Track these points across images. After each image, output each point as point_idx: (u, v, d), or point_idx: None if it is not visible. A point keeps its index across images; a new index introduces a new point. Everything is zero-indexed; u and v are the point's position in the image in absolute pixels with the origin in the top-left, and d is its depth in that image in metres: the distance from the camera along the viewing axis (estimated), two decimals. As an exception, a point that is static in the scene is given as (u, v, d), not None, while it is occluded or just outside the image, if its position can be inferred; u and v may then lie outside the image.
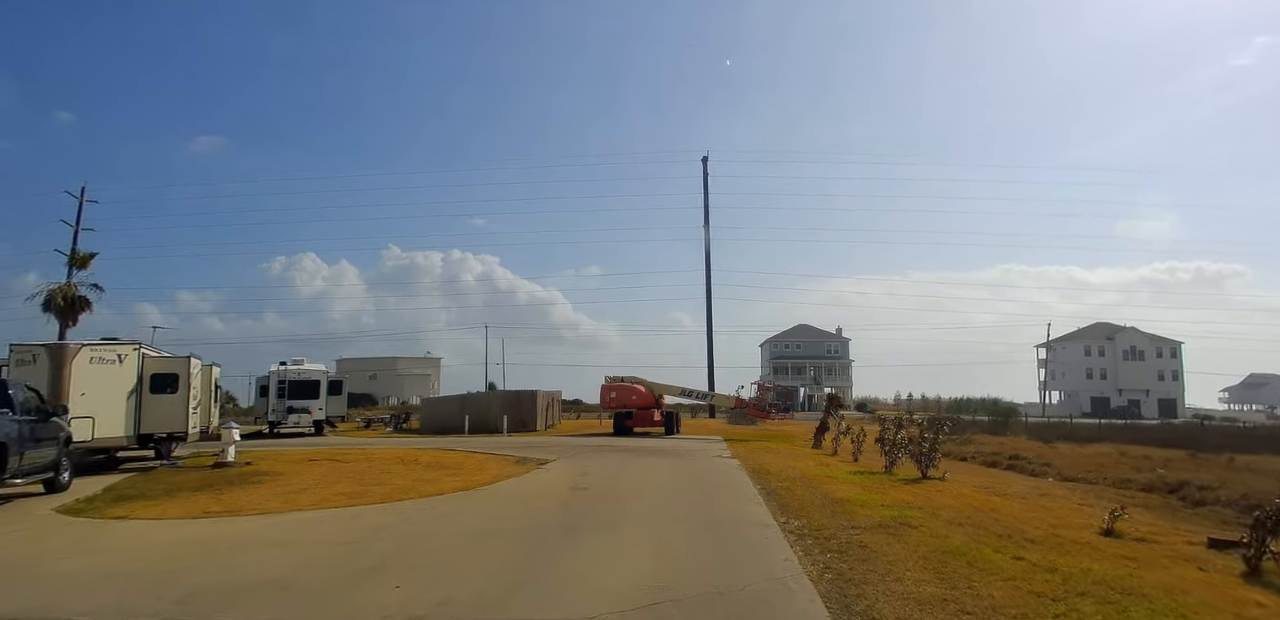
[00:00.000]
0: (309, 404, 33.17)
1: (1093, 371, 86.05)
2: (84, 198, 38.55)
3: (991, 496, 11.46)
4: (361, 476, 14.77)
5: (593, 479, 13.07)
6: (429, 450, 21.73)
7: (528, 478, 13.71)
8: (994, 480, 14.94)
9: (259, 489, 13.27)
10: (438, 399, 38.43)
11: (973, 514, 9.33)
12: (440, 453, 20.76)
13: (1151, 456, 21.38)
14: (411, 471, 15.69)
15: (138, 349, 16.99)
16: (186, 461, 18.37)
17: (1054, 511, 10.44)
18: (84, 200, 38.63)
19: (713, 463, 16.75)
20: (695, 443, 24.87)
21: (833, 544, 7.26)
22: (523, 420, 32.80)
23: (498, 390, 34.88)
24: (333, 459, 18.86)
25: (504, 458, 18.60)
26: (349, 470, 16.11)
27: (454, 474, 15.03)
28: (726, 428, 36.27)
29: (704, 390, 32.70)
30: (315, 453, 20.82)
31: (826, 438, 24.01)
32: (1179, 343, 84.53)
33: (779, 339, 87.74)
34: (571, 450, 20.76)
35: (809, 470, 14.78)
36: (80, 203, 38.56)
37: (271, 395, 33.13)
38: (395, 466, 16.72)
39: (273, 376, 33.42)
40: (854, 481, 12.84)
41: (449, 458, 18.89)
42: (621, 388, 30.18)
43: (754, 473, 14.17)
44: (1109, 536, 8.43)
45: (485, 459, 18.55)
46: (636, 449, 21.22)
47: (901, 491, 11.48)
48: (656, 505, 10.04)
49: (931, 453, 13.50)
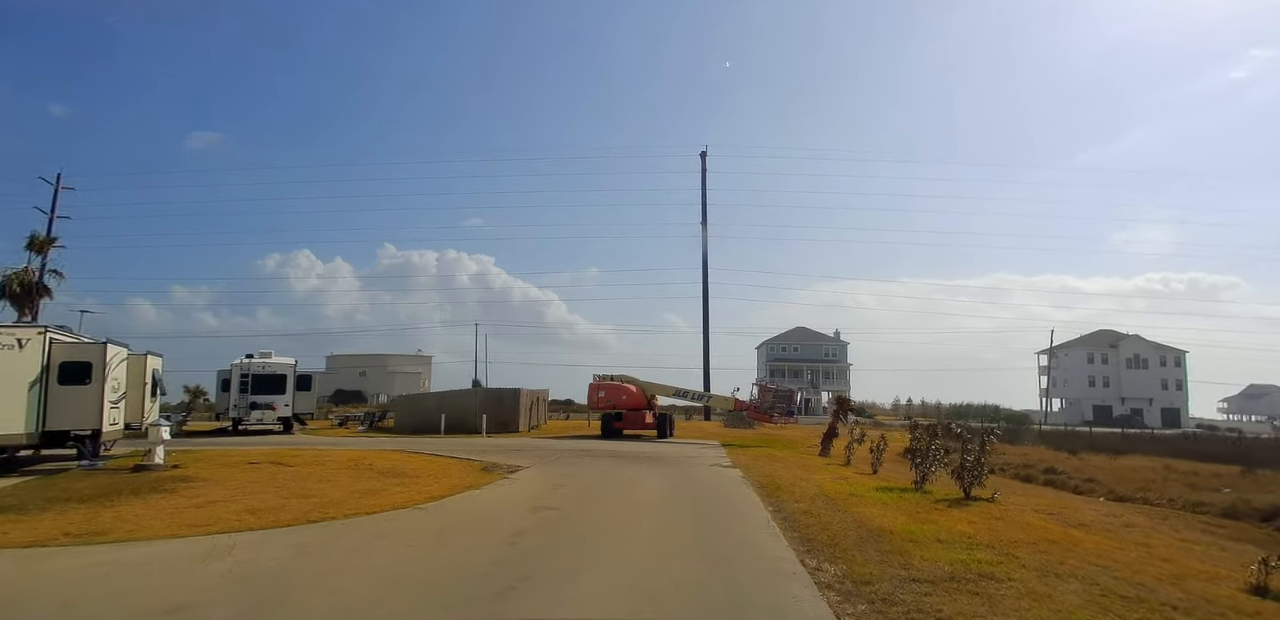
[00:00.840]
0: (274, 399, 30.69)
1: (1095, 379, 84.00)
2: (59, 185, 36.51)
3: (1068, 528, 9.12)
4: (293, 486, 12.44)
5: (565, 495, 10.70)
6: (392, 453, 19.35)
7: (488, 491, 11.31)
8: (1046, 500, 12.59)
9: (161, 500, 11.00)
10: (414, 396, 35.95)
11: (1063, 556, 6.99)
12: (403, 456, 18.38)
13: (1199, 472, 19.13)
14: (356, 480, 13.32)
15: (43, 333, 14.60)
16: (111, 463, 16.08)
17: (1158, 552, 8.12)
18: (60, 187, 36.57)
19: (712, 474, 14.37)
20: (690, 448, 22.50)
21: (896, 613, 4.92)
22: (504, 420, 30.36)
23: (477, 388, 32.36)
24: (277, 462, 16.48)
25: (470, 464, 16.23)
26: (286, 477, 13.77)
27: (404, 484, 12.66)
28: (723, 431, 33.88)
29: (700, 391, 30.26)
30: (264, 454, 18.44)
31: (836, 444, 21.68)
32: (1183, 351, 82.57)
33: (776, 341, 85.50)
34: (551, 455, 18.38)
35: (826, 485, 12.44)
36: (55, 189, 36.43)
37: (233, 390, 30.66)
38: (341, 473, 14.35)
39: (234, 370, 30.95)
40: (886, 502, 10.50)
41: (409, 463, 16.50)
42: (611, 387, 27.77)
43: (762, 487, 11.82)
44: (1262, 596, 6.11)
45: (449, 464, 16.18)
46: (624, 454, 18.86)
47: (952, 518, 9.14)
48: (640, 537, 7.66)
49: (977, 468, 11.16)
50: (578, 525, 7.99)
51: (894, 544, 7.14)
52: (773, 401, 26.17)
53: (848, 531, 7.81)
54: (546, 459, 17.11)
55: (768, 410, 26.14)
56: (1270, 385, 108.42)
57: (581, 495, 10.72)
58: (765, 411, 26.14)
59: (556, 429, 34.10)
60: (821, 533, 7.72)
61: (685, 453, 19.97)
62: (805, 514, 9.02)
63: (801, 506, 9.69)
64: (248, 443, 23.43)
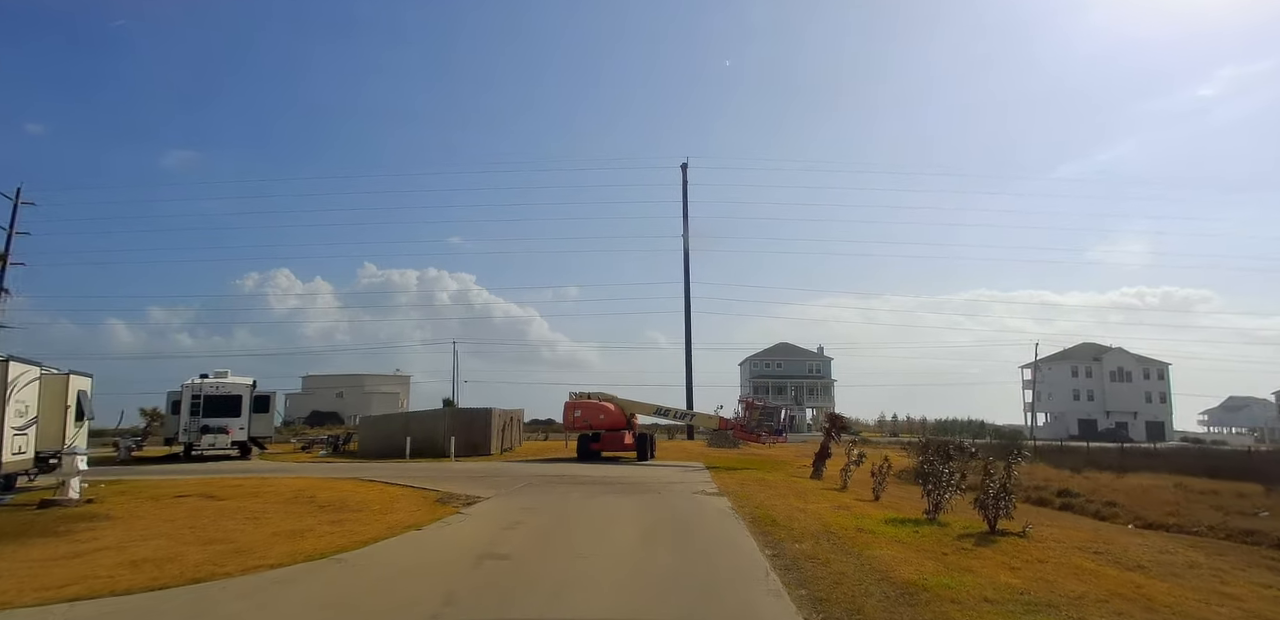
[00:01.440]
0: (227, 423, 28.59)
1: (1080, 393, 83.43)
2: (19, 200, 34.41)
3: (1125, 572, 7.57)
4: (209, 527, 10.65)
5: (521, 537, 8.97)
6: (344, 482, 17.50)
7: (431, 533, 9.53)
8: (1082, 534, 11.02)
9: (37, 548, 9.29)
10: (379, 418, 33.83)
11: (1146, 618, 5.43)
12: (354, 486, 16.55)
13: (1219, 491, 17.76)
14: (287, 517, 11.51)
15: (-76, 349, 12.67)
16: (20, 497, 14.31)
17: (1250, 606, 6.57)
18: (19, 202, 34.47)
19: (696, 503, 12.68)
20: (672, 471, 20.79)
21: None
22: (475, 443, 28.44)
23: (445, 408, 30.48)
24: (210, 495, 14.62)
25: (425, 494, 14.43)
26: (208, 514, 11.96)
27: (339, 522, 10.87)
28: (707, 451, 32.17)
29: (682, 409, 28.57)
30: (200, 485, 16.57)
31: (829, 465, 20.11)
32: (1166, 364, 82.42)
33: (759, 357, 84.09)
34: (519, 482, 16.59)
35: (828, 516, 10.83)
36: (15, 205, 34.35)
37: (183, 413, 28.52)
38: (274, 509, 12.53)
39: (185, 391, 28.83)
40: (902, 539, 8.90)
41: (357, 494, 14.68)
42: (588, 406, 26.01)
43: (755, 521, 10.18)
44: None
45: (400, 495, 14.37)
46: (599, 480, 17.11)
47: (987, 562, 7.55)
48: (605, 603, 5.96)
49: (1004, 496, 9.62)
50: (526, 585, 6.27)
51: (932, 606, 5.54)
52: (759, 419, 24.50)
53: (868, 586, 6.20)
54: (512, 487, 15.34)
55: (754, 429, 24.45)
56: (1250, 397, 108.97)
57: (540, 537, 9.01)
58: (751, 431, 24.42)
59: (532, 451, 32.20)
60: (835, 589, 6.10)
61: (667, 478, 18.28)
62: (810, 560, 7.38)
63: (804, 548, 8.07)
64: (194, 470, 21.43)
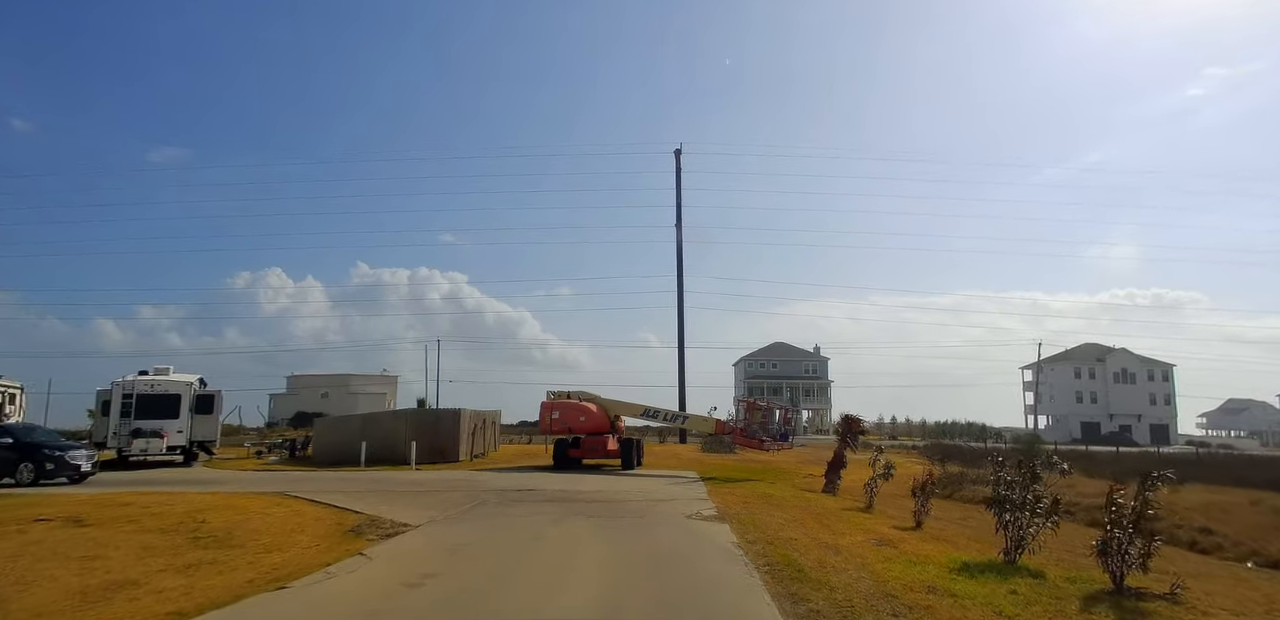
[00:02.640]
0: (163, 425, 25.33)
1: (1083, 395, 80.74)
2: None
3: None
4: (12, 572, 7.57)
5: (423, 602, 5.90)
6: (262, 498, 14.42)
7: (295, 595, 6.41)
8: (1229, 586, 8.03)
9: None
10: (335, 420, 30.51)
11: None
12: (269, 504, 13.47)
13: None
14: (134, 558, 8.45)
15: None
16: None
17: None
18: None
19: (690, 536, 9.59)
20: (662, 483, 17.73)
21: None
22: (441, 448, 25.27)
23: (405, 409, 27.35)
24: (77, 519, 11.49)
25: (346, 518, 11.35)
26: (38, 551, 8.98)
27: (194, 568, 7.80)
28: (701, 457, 29.09)
29: (674, 410, 25.44)
30: (80, 504, 13.39)
31: (846, 477, 17.15)
32: (1171, 365, 79.96)
33: (754, 357, 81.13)
34: (471, 500, 13.48)
35: (872, 559, 7.82)
36: None
37: (113, 414, 25.26)
38: (134, 542, 9.45)
39: (115, 389, 25.60)
40: (1002, 610, 5.89)
41: (261, 518, 11.59)
42: (566, 407, 22.89)
43: (774, 570, 7.15)
44: None
45: (314, 520, 11.28)
46: (571, 497, 14.04)
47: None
48: None
49: (1140, 541, 6.59)
50: None
51: None
52: (762, 422, 21.40)
53: None
54: (459, 508, 12.23)
55: (756, 434, 21.37)
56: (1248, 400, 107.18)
57: (458, 600, 5.96)
58: (754, 435, 21.32)
59: (509, 456, 29.05)
60: None
61: (654, 493, 15.21)
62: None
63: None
64: (107, 481, 18.35)
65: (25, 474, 17.90)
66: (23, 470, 17.93)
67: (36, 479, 17.85)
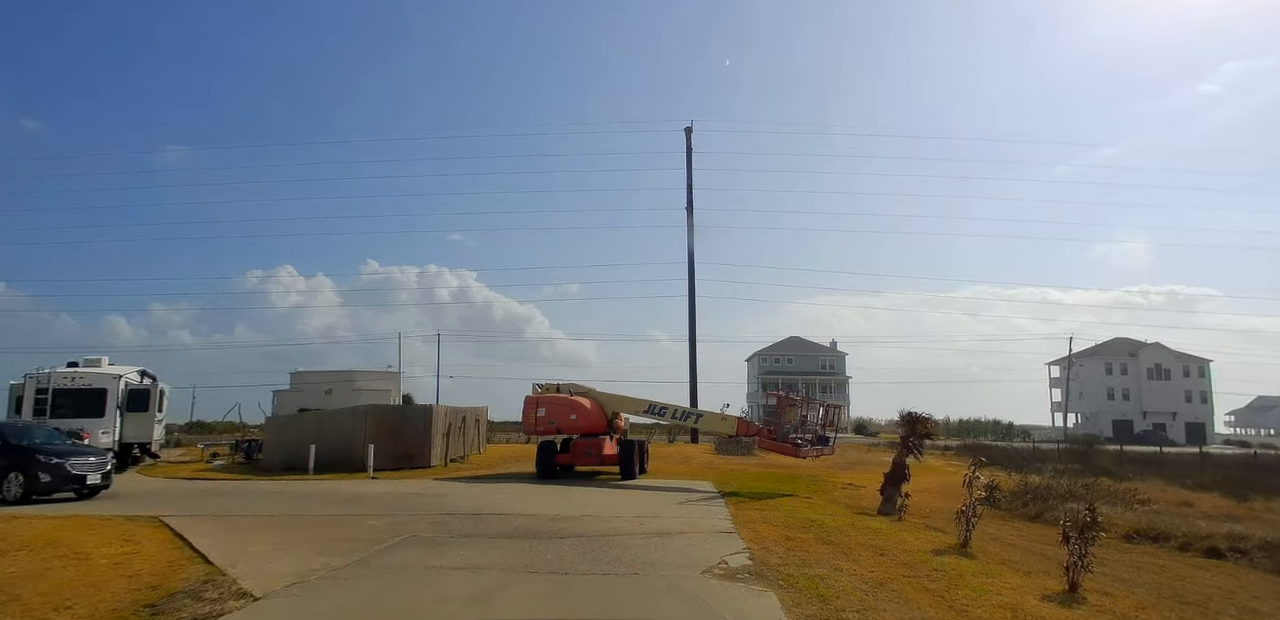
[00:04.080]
0: (84, 425, 21.33)
1: (1114, 391, 75.90)
2: None
3: None
4: None
5: None
6: (128, 523, 10.60)
7: None
8: None
9: None
10: (287, 419, 26.52)
11: None
12: (123, 534, 9.66)
13: None
14: None
15: None
16: None
17: None
18: None
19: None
20: (670, 502, 13.66)
21: None
22: (408, 451, 21.22)
23: (362, 407, 23.31)
24: None
25: (194, 568, 7.39)
26: None
27: None
28: (715, 461, 24.99)
29: (684, 407, 21.27)
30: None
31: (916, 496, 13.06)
32: (1207, 361, 74.99)
33: (768, 352, 77.00)
34: (396, 535, 9.41)
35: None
36: None
37: (26, 412, 21.44)
38: None
39: (29, 383, 21.80)
40: None
41: (85, 561, 7.72)
42: (554, 402, 18.81)
43: None
44: None
45: (148, 570, 7.32)
46: (542, 528, 9.99)
47: None
48: None
49: None
50: None
51: None
52: (798, 421, 17.10)
53: None
54: (365, 552, 8.19)
55: (789, 436, 17.11)
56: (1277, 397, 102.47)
57: None
58: (786, 439, 17.04)
59: (494, 459, 24.96)
60: None
61: (659, 518, 11.13)
62: None
63: None
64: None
65: (13, 488, 13.60)
66: (10, 483, 13.63)
67: (28, 494, 13.62)
